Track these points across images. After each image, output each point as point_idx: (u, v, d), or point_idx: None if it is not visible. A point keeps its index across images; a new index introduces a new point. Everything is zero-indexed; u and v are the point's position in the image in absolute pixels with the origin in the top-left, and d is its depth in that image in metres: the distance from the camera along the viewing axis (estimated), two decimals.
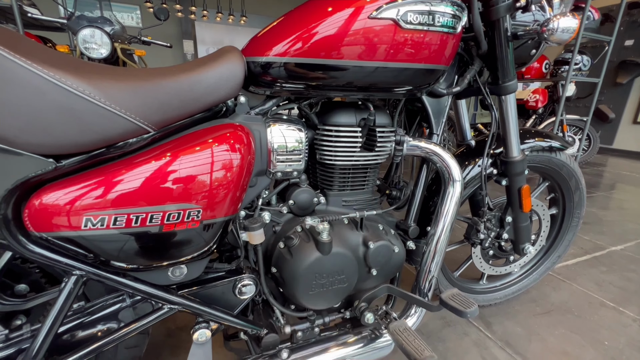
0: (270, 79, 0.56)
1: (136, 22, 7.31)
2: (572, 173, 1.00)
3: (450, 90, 0.73)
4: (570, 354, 0.95)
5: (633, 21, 4.42)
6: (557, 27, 0.62)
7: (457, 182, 0.70)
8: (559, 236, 1.13)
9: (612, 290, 1.28)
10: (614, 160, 4.35)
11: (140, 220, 0.44)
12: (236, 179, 0.51)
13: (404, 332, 0.58)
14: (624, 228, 1.92)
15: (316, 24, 0.52)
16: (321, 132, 0.64)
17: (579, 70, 2.82)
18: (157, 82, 0.45)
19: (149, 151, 0.47)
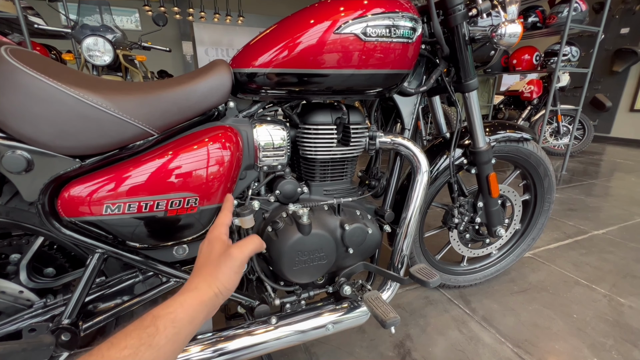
0: (255, 87, 0.65)
1: (135, 26, 7.42)
2: (540, 161, 1.09)
3: (418, 89, 0.82)
4: (539, 326, 1.04)
5: (628, 9, 4.43)
6: (505, 32, 0.71)
7: (424, 172, 0.80)
8: (532, 220, 1.22)
9: (588, 270, 1.36)
10: (611, 149, 4.39)
11: (148, 206, 0.54)
12: (227, 172, 0.61)
13: (375, 300, 0.68)
14: (609, 213, 2.00)
15: (291, 39, 0.61)
16: (302, 130, 0.74)
17: (569, 61, 2.87)
18: (158, 93, 0.55)
19: (154, 151, 0.57)
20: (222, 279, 0.41)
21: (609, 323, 1.05)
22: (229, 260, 0.43)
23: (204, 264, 0.43)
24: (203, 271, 0.41)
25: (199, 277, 0.40)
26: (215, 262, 0.42)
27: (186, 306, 0.36)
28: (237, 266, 0.44)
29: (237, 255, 0.44)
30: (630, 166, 3.30)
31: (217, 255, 0.43)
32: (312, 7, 0.65)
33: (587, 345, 0.96)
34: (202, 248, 0.46)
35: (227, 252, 0.44)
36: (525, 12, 2.78)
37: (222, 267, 0.42)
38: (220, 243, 0.45)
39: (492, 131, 1.02)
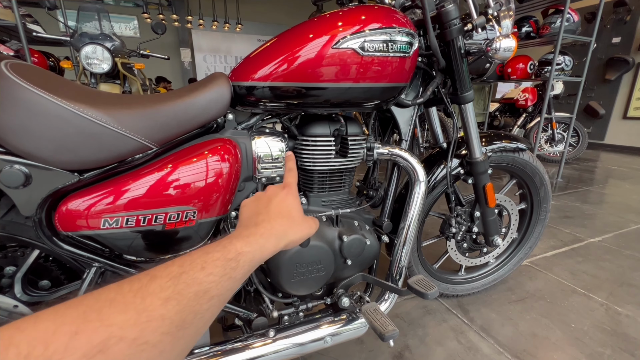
0: (253, 99, 0.66)
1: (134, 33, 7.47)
2: (535, 170, 1.10)
3: (415, 101, 0.83)
4: (538, 336, 1.04)
5: (619, 19, 4.53)
6: (500, 47, 0.73)
7: (421, 182, 0.80)
8: (529, 229, 1.22)
9: (585, 278, 1.37)
10: (605, 155, 4.44)
11: (147, 220, 0.54)
12: (225, 185, 0.61)
13: (374, 312, 0.68)
14: (604, 221, 2.01)
15: (290, 53, 0.62)
16: (300, 141, 0.75)
17: (562, 70, 2.92)
18: (157, 107, 0.56)
19: (153, 164, 0.57)
20: (293, 238, 0.41)
21: (606, 332, 1.05)
22: (308, 224, 0.44)
23: (285, 213, 0.41)
24: (284, 220, 0.40)
25: (279, 225, 0.39)
26: (298, 219, 0.43)
27: (264, 251, 0.36)
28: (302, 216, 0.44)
29: (316, 222, 0.46)
30: (624, 173, 3.34)
31: (298, 210, 0.44)
32: (311, 21, 0.66)
33: (585, 355, 0.96)
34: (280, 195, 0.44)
35: (307, 218, 0.44)
36: (519, 22, 2.84)
37: (300, 228, 0.42)
38: (298, 201, 0.45)
39: (488, 141, 1.03)
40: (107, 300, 0.24)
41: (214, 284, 0.30)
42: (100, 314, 0.23)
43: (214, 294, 0.30)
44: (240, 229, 0.39)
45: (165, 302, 0.26)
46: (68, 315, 0.22)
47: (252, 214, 0.42)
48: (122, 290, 0.26)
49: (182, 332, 0.27)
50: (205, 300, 0.29)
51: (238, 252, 0.33)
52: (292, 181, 0.48)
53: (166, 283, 0.27)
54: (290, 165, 0.52)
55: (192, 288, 0.28)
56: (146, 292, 0.26)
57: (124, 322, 0.23)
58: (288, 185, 0.46)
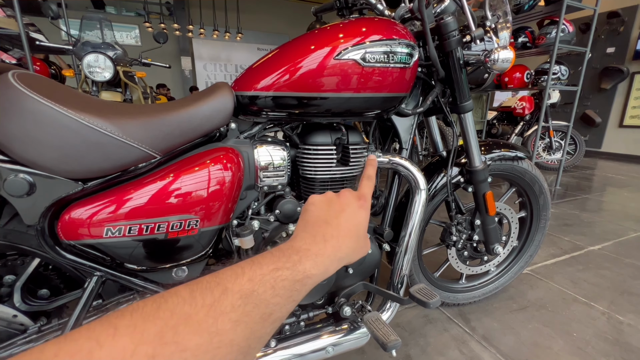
0: (256, 109, 0.67)
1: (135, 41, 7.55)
2: (534, 179, 1.11)
3: (415, 110, 0.84)
4: (540, 345, 1.03)
5: (613, 29, 4.61)
6: (498, 58, 0.74)
7: (422, 190, 0.81)
8: (529, 237, 1.22)
9: (586, 287, 1.37)
10: (602, 163, 4.47)
11: (149, 229, 0.54)
12: (228, 193, 0.61)
13: (376, 321, 0.67)
14: (604, 229, 2.01)
15: (292, 64, 0.63)
16: (302, 150, 0.75)
17: (559, 79, 2.96)
18: (161, 116, 0.56)
19: (156, 173, 0.57)
20: (353, 259, 0.37)
21: (609, 342, 1.04)
22: (366, 247, 0.40)
23: (354, 233, 0.37)
24: (351, 241, 0.36)
25: (346, 247, 0.35)
26: (362, 240, 0.39)
27: (326, 275, 0.33)
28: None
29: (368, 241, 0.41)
30: (622, 181, 3.36)
31: (364, 229, 0.39)
32: (312, 33, 0.68)
33: None
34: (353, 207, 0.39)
35: (365, 235, 0.40)
36: (515, 32, 2.89)
37: (361, 250, 0.39)
38: (368, 218, 0.40)
39: (487, 150, 1.04)
40: (182, 316, 0.22)
41: (279, 307, 0.27)
42: (176, 334, 0.21)
43: (277, 317, 0.27)
44: (307, 238, 0.34)
45: (235, 326, 0.24)
46: (147, 332, 0.20)
47: (321, 221, 0.37)
48: (196, 304, 0.23)
49: (246, 359, 0.25)
50: (269, 323, 0.26)
51: (306, 275, 0.30)
52: (368, 192, 0.42)
53: (237, 302, 0.25)
54: (370, 172, 0.46)
55: (260, 310, 0.26)
56: (219, 310, 0.23)
57: (198, 348, 0.21)
58: (364, 196, 0.41)
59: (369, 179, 0.45)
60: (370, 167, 0.47)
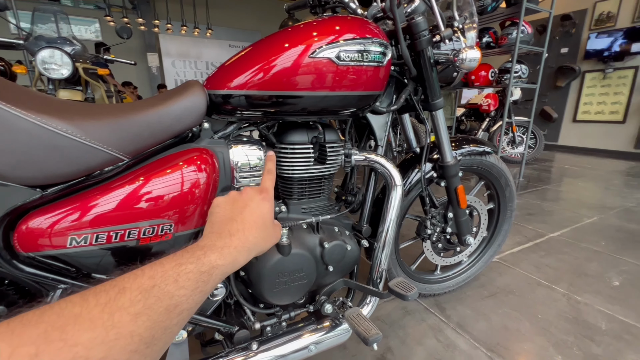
0: (230, 108, 0.65)
1: (95, 36, 7.08)
2: (501, 172, 1.17)
3: (389, 108, 0.86)
4: (509, 328, 1.10)
5: (566, 31, 4.96)
6: (465, 57, 0.77)
7: (398, 186, 0.83)
8: (498, 227, 1.30)
9: (548, 271, 1.47)
10: (560, 156, 4.82)
11: (119, 236, 0.51)
12: (202, 196, 0.59)
13: (357, 317, 0.68)
14: (562, 216, 2.17)
15: (266, 62, 0.62)
16: (279, 149, 0.74)
17: (520, 78, 3.15)
18: (129, 117, 0.53)
19: (124, 176, 0.54)
20: (263, 249, 0.40)
21: (569, 321, 1.13)
22: (275, 234, 0.42)
23: (259, 224, 0.40)
24: (258, 232, 0.39)
25: (253, 237, 0.38)
26: (270, 229, 0.41)
27: (236, 264, 0.35)
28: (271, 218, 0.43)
29: (280, 229, 0.45)
30: (577, 172, 3.64)
31: (271, 219, 0.42)
32: (286, 30, 0.67)
33: (552, 344, 1.02)
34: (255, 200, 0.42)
35: (275, 226, 0.43)
36: (480, 33, 3.03)
37: (270, 239, 0.41)
38: (272, 208, 0.43)
39: (457, 146, 1.09)
40: (71, 316, 0.23)
41: (185, 298, 0.29)
42: (63, 332, 0.21)
43: (184, 308, 0.29)
44: (213, 235, 0.37)
45: (136, 318, 0.25)
46: (26, 335, 0.20)
47: (226, 219, 0.40)
48: (87, 304, 0.24)
49: (151, 348, 0.26)
50: (175, 314, 0.28)
51: (212, 266, 0.32)
52: (269, 185, 0.46)
53: (136, 297, 0.26)
54: (270, 166, 0.50)
55: (164, 302, 0.27)
56: (115, 306, 0.24)
57: (91, 341, 0.22)
58: (265, 190, 0.45)
59: (269, 173, 0.48)
60: (269, 162, 0.51)
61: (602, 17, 4.56)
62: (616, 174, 3.48)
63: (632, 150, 4.44)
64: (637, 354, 0.98)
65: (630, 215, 2.18)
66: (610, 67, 4.48)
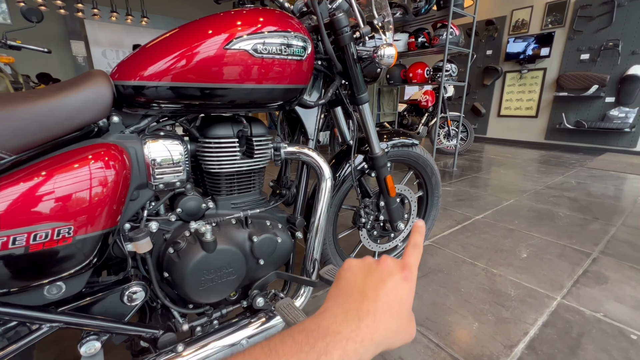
0: (143, 100, 0.61)
1: (2, 18, 6.07)
2: (427, 162, 1.28)
3: (318, 102, 0.88)
4: (437, 303, 1.21)
5: (490, 35, 5.52)
6: (384, 54, 0.82)
7: (327, 179, 0.85)
8: (427, 213, 1.41)
9: (472, 249, 1.65)
10: (488, 147, 5.38)
11: (0, 243, 0.45)
12: (110, 195, 0.55)
13: (287, 307, 0.69)
14: (486, 201, 2.44)
15: (181, 52, 0.59)
16: (203, 144, 0.72)
17: (451, 76, 3.44)
18: (10, 108, 0.47)
19: (9, 176, 0.48)
20: (392, 345, 0.30)
21: (485, 291, 1.28)
22: (410, 331, 0.32)
23: (395, 310, 0.30)
24: (392, 321, 0.30)
25: (384, 328, 0.29)
26: (406, 319, 0.31)
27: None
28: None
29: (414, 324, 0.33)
30: (501, 161, 4.10)
31: (408, 308, 0.32)
32: (204, 19, 0.64)
33: (471, 313, 1.15)
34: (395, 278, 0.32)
35: (411, 316, 0.32)
36: (415, 33, 3.24)
37: (404, 335, 0.31)
38: (413, 294, 0.33)
39: (388, 138, 1.16)
40: None
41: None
42: None
43: None
44: (339, 315, 0.28)
45: None
46: None
47: (356, 292, 0.31)
48: None
49: None
50: None
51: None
52: (413, 262, 0.35)
53: None
54: (417, 240, 0.37)
55: None
56: None
57: None
58: (408, 266, 0.34)
59: (415, 247, 0.36)
60: (417, 234, 0.38)
61: (518, 24, 5.17)
62: (531, 162, 4.01)
63: (543, 141, 5.14)
64: (536, 313, 1.15)
65: (539, 196, 2.53)
66: (525, 68, 5.11)
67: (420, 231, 0.38)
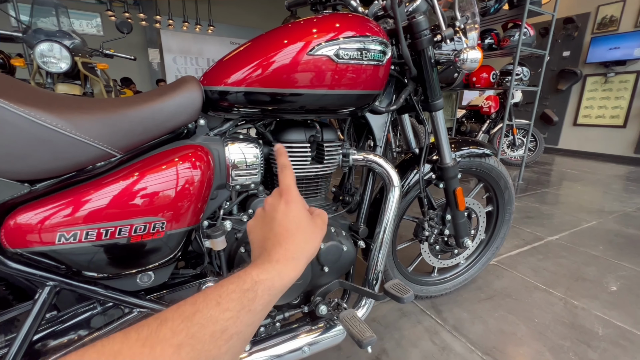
0: (226, 105, 0.64)
1: (96, 30, 7.06)
2: (500, 175, 1.16)
3: (389, 108, 0.85)
4: (505, 332, 1.09)
5: (568, 34, 4.95)
6: (467, 58, 0.76)
7: (396, 187, 0.82)
8: (496, 230, 1.29)
9: (545, 275, 1.46)
10: (559, 159, 4.81)
11: (109, 233, 0.50)
12: (196, 193, 0.58)
13: (351, 319, 0.67)
14: (560, 220, 2.17)
15: (264, 58, 0.61)
16: None
17: (521, 80, 3.14)
18: (122, 112, 0.52)
19: (116, 172, 0.53)
20: (312, 251, 0.36)
21: (565, 325, 1.12)
22: (318, 228, 0.37)
23: (293, 230, 0.35)
24: (295, 238, 0.35)
25: (293, 245, 0.34)
26: (309, 228, 0.36)
27: (284, 278, 0.32)
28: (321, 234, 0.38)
29: (323, 219, 0.39)
30: (576, 175, 3.63)
31: (306, 218, 0.37)
32: (286, 27, 0.66)
33: (548, 349, 1.01)
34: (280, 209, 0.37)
35: (315, 219, 0.38)
36: (482, 34, 3.02)
37: (314, 236, 0.36)
38: (302, 206, 0.38)
39: (457, 147, 1.08)
40: (111, 353, 0.22)
41: (232, 321, 0.26)
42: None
43: (233, 332, 0.26)
44: (254, 258, 0.35)
45: (179, 349, 0.23)
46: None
47: (261, 240, 0.37)
48: (128, 340, 0.23)
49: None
50: (224, 341, 0.26)
51: (254, 281, 0.29)
52: (289, 183, 0.39)
53: (178, 326, 0.24)
54: (283, 160, 0.42)
55: (208, 329, 0.25)
56: (156, 339, 0.23)
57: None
58: (286, 191, 0.38)
59: (285, 168, 0.41)
60: (281, 156, 0.43)
61: (605, 21, 4.55)
62: (615, 179, 3.48)
63: (632, 155, 4.43)
64: (633, 359, 0.98)
65: (629, 220, 2.18)
66: (612, 71, 4.47)
67: (282, 152, 0.44)
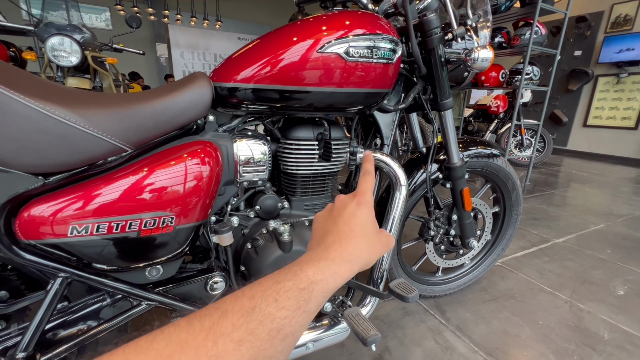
0: (236, 101, 0.64)
1: (106, 24, 7.10)
2: (508, 176, 1.15)
3: (397, 106, 0.84)
4: (509, 334, 1.09)
5: (580, 34, 4.85)
6: (478, 57, 0.75)
7: (402, 186, 0.81)
8: (502, 231, 1.28)
9: (551, 277, 1.45)
10: (568, 160, 4.74)
11: (120, 227, 0.51)
12: (205, 189, 0.59)
13: (356, 316, 0.68)
14: (568, 222, 2.14)
15: (274, 55, 0.61)
16: (283, 145, 0.73)
17: (531, 80, 3.09)
18: (133, 107, 0.53)
19: (127, 167, 0.54)
20: (367, 260, 0.35)
21: (570, 328, 1.11)
22: (382, 243, 0.37)
23: (357, 232, 0.35)
24: (356, 241, 0.34)
25: (351, 247, 0.34)
26: (373, 237, 0.36)
27: (338, 278, 0.31)
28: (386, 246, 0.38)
29: (390, 240, 0.39)
30: (585, 177, 3.58)
31: (372, 226, 0.37)
32: (295, 24, 0.65)
33: (552, 351, 1.01)
34: (350, 208, 0.37)
35: (381, 234, 0.37)
36: (492, 32, 2.97)
37: (374, 248, 0.36)
38: (372, 213, 0.38)
39: (465, 147, 1.07)
40: (177, 343, 0.22)
41: (287, 320, 0.26)
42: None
43: (288, 332, 0.26)
44: (311, 251, 0.34)
45: (239, 346, 0.23)
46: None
47: (323, 233, 0.36)
48: (193, 329, 0.23)
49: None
50: (279, 340, 0.25)
51: (310, 282, 0.29)
52: (366, 188, 0.39)
53: (238, 320, 0.24)
54: (368, 167, 0.42)
55: (266, 326, 0.25)
56: (218, 332, 0.23)
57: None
58: (360, 193, 0.38)
59: (367, 174, 0.42)
60: (367, 162, 0.44)
61: (619, 20, 4.45)
62: (625, 181, 3.42)
63: None
64: None
65: (638, 223, 2.14)
66: (625, 71, 4.38)
67: (369, 159, 0.44)
